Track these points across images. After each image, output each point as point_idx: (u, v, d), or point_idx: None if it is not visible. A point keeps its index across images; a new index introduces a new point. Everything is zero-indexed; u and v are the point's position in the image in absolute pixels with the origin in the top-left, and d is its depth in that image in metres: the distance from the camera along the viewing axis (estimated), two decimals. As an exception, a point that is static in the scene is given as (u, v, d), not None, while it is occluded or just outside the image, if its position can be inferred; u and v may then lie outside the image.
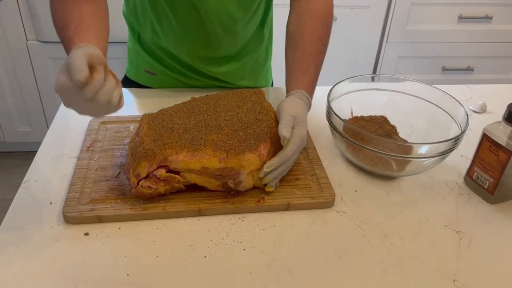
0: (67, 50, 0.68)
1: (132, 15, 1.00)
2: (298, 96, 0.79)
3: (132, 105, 0.97)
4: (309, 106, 0.81)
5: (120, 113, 0.90)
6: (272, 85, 1.18)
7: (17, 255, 0.62)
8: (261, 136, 0.72)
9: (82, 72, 0.55)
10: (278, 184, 0.74)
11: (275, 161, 0.71)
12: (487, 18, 1.99)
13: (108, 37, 0.75)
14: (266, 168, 0.70)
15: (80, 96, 0.57)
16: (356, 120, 0.88)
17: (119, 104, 0.62)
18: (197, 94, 0.85)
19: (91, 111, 0.63)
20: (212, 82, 1.04)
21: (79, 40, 0.66)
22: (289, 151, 0.71)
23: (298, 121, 0.74)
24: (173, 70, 1.02)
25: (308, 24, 0.85)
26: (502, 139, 0.71)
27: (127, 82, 1.09)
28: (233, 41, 0.97)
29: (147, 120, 0.75)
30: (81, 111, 0.63)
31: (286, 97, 0.80)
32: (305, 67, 0.83)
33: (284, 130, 0.71)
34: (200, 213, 0.69)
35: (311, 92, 0.83)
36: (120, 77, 1.10)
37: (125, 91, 1.05)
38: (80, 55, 0.57)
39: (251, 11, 0.93)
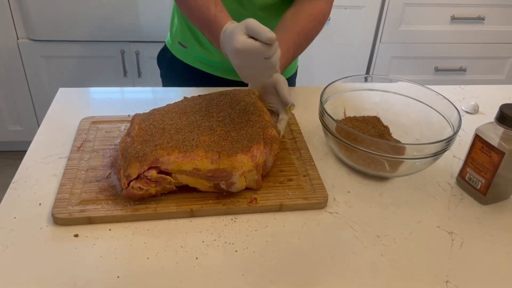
0: (213, 27, 0.78)
1: None
2: None
3: (123, 104, 0.96)
4: None
5: (111, 112, 0.90)
6: (296, 70, 1.22)
7: (5, 256, 0.61)
8: (254, 137, 0.72)
9: (271, 32, 0.66)
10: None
11: (284, 124, 0.82)
12: (480, 19, 2.00)
13: None
14: (281, 131, 0.81)
15: (260, 55, 0.67)
16: (349, 120, 0.88)
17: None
18: (190, 94, 0.84)
19: (256, 75, 0.73)
20: None
21: (225, 16, 0.78)
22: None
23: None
24: (202, 45, 1.06)
25: (303, 20, 0.92)
26: (494, 140, 0.71)
27: (163, 52, 1.15)
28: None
29: (138, 120, 0.74)
30: (249, 73, 0.72)
31: None
32: (285, 51, 0.86)
33: (290, 98, 0.80)
34: (191, 214, 0.69)
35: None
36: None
37: (116, 89, 1.04)
38: (258, 22, 0.67)
39: (276, 1, 0.99)
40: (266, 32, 0.66)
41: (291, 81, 1.22)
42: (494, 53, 2.11)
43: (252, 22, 0.67)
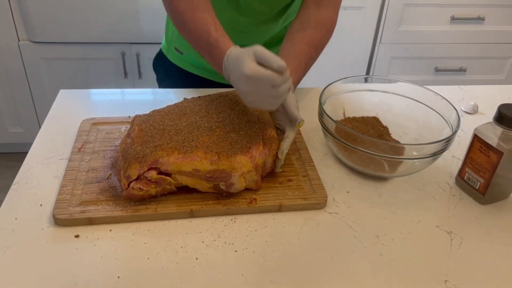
0: (215, 50, 0.76)
1: None
2: None
3: (123, 106, 0.96)
4: None
5: (111, 114, 0.91)
6: None
7: (6, 257, 0.62)
8: (253, 138, 0.72)
9: (282, 61, 0.65)
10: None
11: (288, 143, 0.76)
12: (480, 19, 2.00)
13: None
14: (284, 150, 0.74)
15: (268, 82, 0.66)
16: (348, 121, 0.88)
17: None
18: (190, 95, 0.85)
19: (264, 102, 0.71)
20: None
21: (227, 40, 0.76)
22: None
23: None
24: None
25: (311, 30, 0.89)
26: (493, 140, 0.72)
27: (159, 58, 1.15)
28: (259, 33, 1.02)
29: (139, 121, 0.75)
30: (255, 99, 0.70)
31: None
32: (297, 65, 0.85)
33: (298, 114, 0.75)
34: (191, 214, 0.69)
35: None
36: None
37: (116, 91, 1.04)
38: (266, 50, 0.66)
39: (276, 10, 0.98)
40: (277, 60, 0.65)
41: None
42: (494, 53, 2.11)
43: (261, 49, 0.66)
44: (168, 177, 0.68)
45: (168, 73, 1.13)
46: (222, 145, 0.70)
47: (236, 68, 0.69)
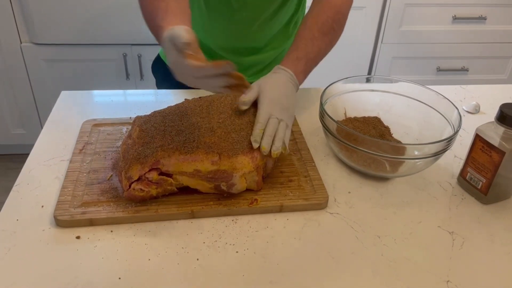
0: (157, 36, 0.74)
1: None
2: (279, 72, 0.82)
3: (125, 107, 0.96)
4: (293, 83, 0.82)
5: (113, 115, 0.91)
6: None
7: (7, 258, 0.62)
8: (254, 138, 0.72)
9: (184, 38, 0.61)
10: (288, 150, 0.74)
11: (256, 127, 0.72)
12: (482, 19, 1.99)
13: (190, 20, 0.80)
14: (252, 139, 0.71)
15: (189, 73, 0.63)
16: (349, 121, 0.88)
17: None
18: (191, 96, 0.85)
19: (199, 84, 0.67)
20: None
21: (167, 24, 0.71)
22: (262, 112, 0.73)
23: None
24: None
25: (315, 13, 0.89)
26: (494, 140, 0.71)
27: (157, 61, 1.16)
28: (258, 33, 1.02)
29: (140, 122, 0.75)
30: (192, 83, 0.67)
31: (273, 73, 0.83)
32: (293, 47, 0.85)
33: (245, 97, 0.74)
34: (192, 215, 0.69)
35: (298, 69, 0.84)
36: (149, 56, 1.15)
37: (118, 92, 1.04)
38: (181, 28, 0.62)
39: (274, 6, 0.98)
40: (180, 40, 0.61)
41: None
42: (496, 53, 2.11)
43: (172, 33, 0.63)
44: (169, 178, 0.68)
45: (166, 77, 1.13)
46: (223, 146, 0.70)
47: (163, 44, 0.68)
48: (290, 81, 0.81)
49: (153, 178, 0.68)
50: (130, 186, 0.68)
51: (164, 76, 1.14)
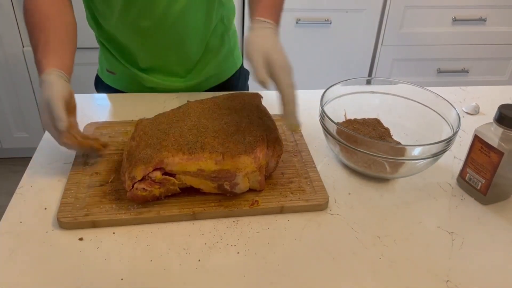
0: (38, 70, 0.77)
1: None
2: (264, 26, 0.75)
3: (126, 110, 0.97)
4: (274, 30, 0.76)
5: (116, 118, 0.91)
6: (242, 64, 1.17)
7: (11, 260, 0.62)
8: (257, 139, 0.73)
9: (62, 121, 0.68)
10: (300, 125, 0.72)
11: (288, 108, 0.69)
12: (481, 20, 2.00)
13: (74, 52, 0.82)
14: (295, 121, 0.69)
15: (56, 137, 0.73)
16: (349, 123, 0.89)
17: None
18: (193, 98, 0.85)
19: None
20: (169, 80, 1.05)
21: (46, 63, 0.75)
22: (287, 86, 0.69)
23: (271, 54, 0.70)
24: (131, 66, 1.03)
25: None
26: (493, 141, 0.72)
27: (97, 81, 1.15)
28: (175, 33, 0.95)
29: (143, 125, 0.76)
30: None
31: (253, 29, 0.76)
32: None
33: (259, 75, 0.68)
34: (194, 217, 0.70)
35: (275, 18, 0.78)
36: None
37: (120, 96, 1.05)
38: (58, 104, 0.69)
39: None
40: (57, 121, 0.68)
41: (233, 82, 1.12)
42: (496, 54, 2.11)
43: (51, 104, 0.69)
44: (172, 178, 0.69)
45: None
46: (227, 146, 0.70)
47: (41, 99, 0.73)
48: (277, 34, 0.76)
49: (157, 178, 0.68)
50: (133, 186, 0.68)
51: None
